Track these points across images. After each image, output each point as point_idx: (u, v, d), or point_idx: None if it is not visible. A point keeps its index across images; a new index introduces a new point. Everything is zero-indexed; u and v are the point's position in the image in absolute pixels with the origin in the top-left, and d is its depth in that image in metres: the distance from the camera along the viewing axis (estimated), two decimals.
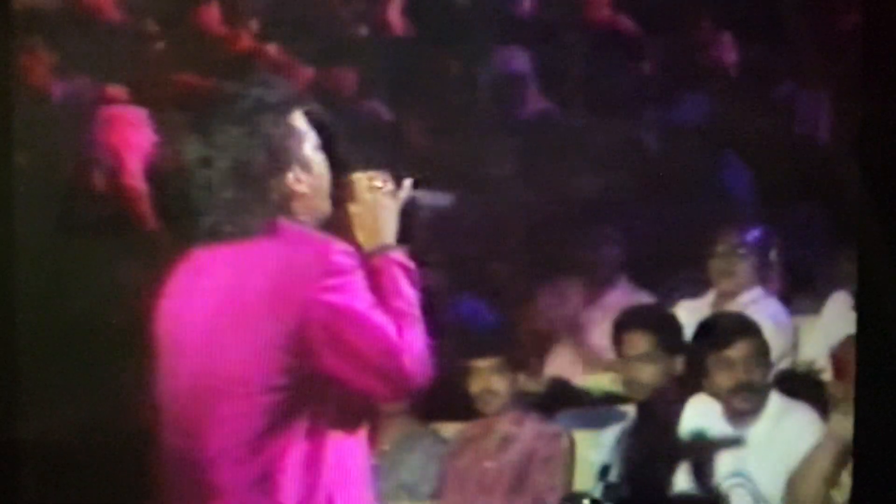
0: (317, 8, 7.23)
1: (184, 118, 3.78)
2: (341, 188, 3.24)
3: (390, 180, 3.28)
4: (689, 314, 5.60)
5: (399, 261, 3.19)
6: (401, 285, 3.15)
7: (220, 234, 3.14)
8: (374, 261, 3.17)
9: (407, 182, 3.30)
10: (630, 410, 5.31)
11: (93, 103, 6.06)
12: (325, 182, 3.22)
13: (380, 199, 3.25)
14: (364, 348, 3.05)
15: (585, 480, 5.12)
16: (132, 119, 5.88)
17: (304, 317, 3.03)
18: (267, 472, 3.07)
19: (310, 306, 3.03)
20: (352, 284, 3.06)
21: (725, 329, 5.04)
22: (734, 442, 4.93)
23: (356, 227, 3.23)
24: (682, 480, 4.98)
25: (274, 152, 3.15)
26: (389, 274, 3.16)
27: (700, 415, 5.02)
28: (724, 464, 4.94)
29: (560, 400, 5.70)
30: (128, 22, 6.80)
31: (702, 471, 4.95)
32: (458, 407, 5.36)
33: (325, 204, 3.22)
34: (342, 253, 3.08)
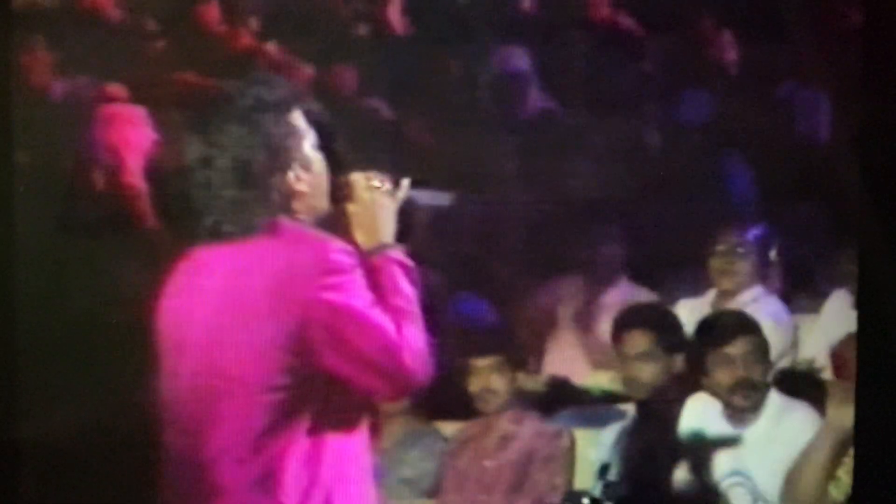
0: (317, 7, 7.22)
1: (184, 117, 3.78)
2: (340, 188, 3.24)
3: (388, 180, 3.29)
4: (690, 313, 5.60)
5: (398, 259, 3.20)
6: (400, 283, 3.16)
7: (221, 234, 3.14)
8: (373, 259, 3.18)
9: (405, 182, 3.30)
10: (630, 409, 5.31)
11: (93, 102, 6.06)
12: (324, 181, 3.22)
13: (378, 199, 3.25)
14: (364, 347, 3.05)
15: (585, 479, 5.12)
16: (132, 118, 5.88)
17: (304, 316, 3.03)
18: (268, 472, 3.07)
19: (309, 305, 3.03)
20: (351, 283, 3.07)
21: (725, 326, 5.04)
22: (731, 441, 4.93)
23: (355, 227, 3.24)
24: (682, 479, 4.98)
25: (274, 151, 3.15)
26: (388, 272, 3.16)
27: (699, 413, 5.02)
28: (724, 462, 4.93)
29: (560, 399, 5.69)
30: (128, 21, 6.80)
31: (700, 469, 4.94)
32: (458, 406, 5.35)
33: (324, 203, 3.23)
34: (341, 252, 3.09)
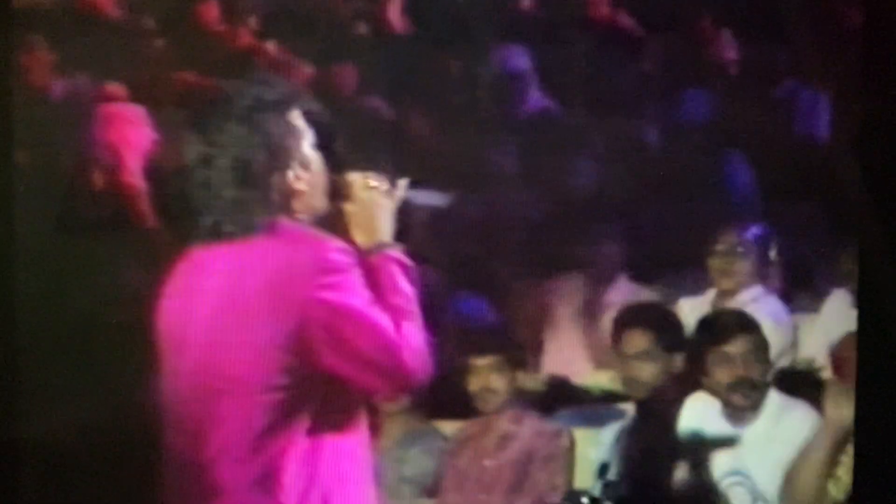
0: (316, 6, 7.23)
1: (184, 117, 3.77)
2: (338, 187, 3.24)
3: (386, 180, 3.29)
4: (690, 312, 5.60)
5: (396, 258, 3.20)
6: (399, 282, 3.16)
7: (221, 234, 3.14)
8: (372, 259, 3.18)
9: (402, 182, 3.30)
10: (629, 409, 5.30)
11: (92, 101, 6.06)
12: (323, 180, 3.22)
13: (375, 198, 3.25)
14: (362, 345, 3.05)
15: (584, 478, 5.12)
16: (131, 117, 5.88)
17: (303, 315, 3.03)
18: (268, 471, 3.07)
19: (307, 305, 3.03)
20: (349, 282, 3.07)
21: (725, 325, 5.03)
22: (730, 441, 4.92)
23: (353, 226, 3.24)
24: (681, 478, 4.98)
25: (274, 150, 3.15)
26: (387, 271, 3.17)
27: (699, 413, 5.02)
28: (723, 462, 4.93)
29: (559, 398, 5.69)
30: (127, 20, 6.80)
31: (700, 469, 4.94)
32: (458, 405, 5.35)
33: (323, 202, 3.23)
34: (338, 251, 3.09)
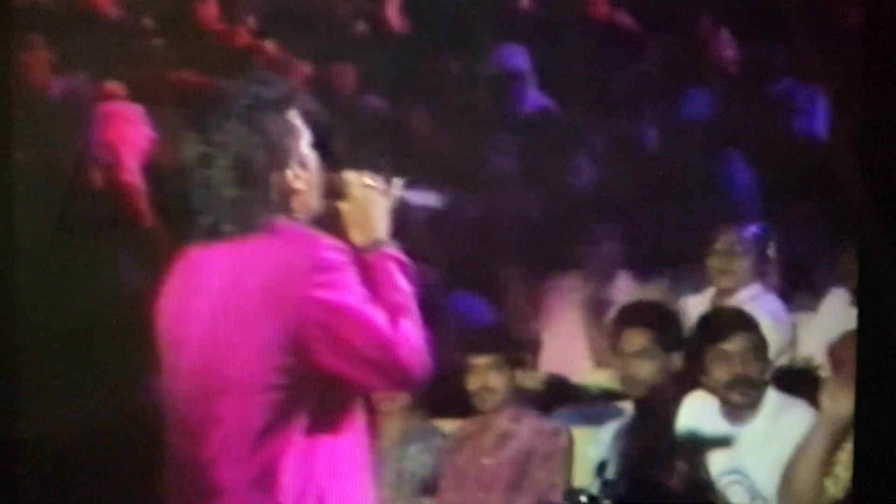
0: (315, 5, 7.22)
1: (183, 116, 3.78)
2: (334, 186, 3.24)
3: (382, 179, 3.29)
4: (694, 310, 5.61)
5: (393, 255, 3.21)
6: (396, 279, 3.16)
7: (220, 233, 3.14)
8: (368, 256, 3.19)
9: (397, 181, 3.30)
10: (628, 407, 5.31)
11: (91, 100, 6.06)
12: (319, 179, 3.22)
13: (372, 196, 3.26)
14: (358, 343, 3.06)
15: (583, 477, 5.12)
16: (129, 115, 5.88)
17: (299, 315, 3.04)
18: (266, 471, 3.08)
19: (302, 304, 3.04)
20: (343, 280, 3.07)
21: (723, 323, 5.04)
22: (728, 440, 4.92)
23: (349, 225, 3.24)
24: (679, 477, 4.98)
25: (274, 149, 3.16)
26: (384, 268, 3.17)
27: (697, 411, 5.02)
28: (721, 460, 4.93)
29: (558, 397, 5.69)
30: (126, 18, 6.79)
31: (698, 467, 4.94)
32: (457, 404, 5.35)
33: (319, 201, 3.23)
34: (331, 249, 3.09)
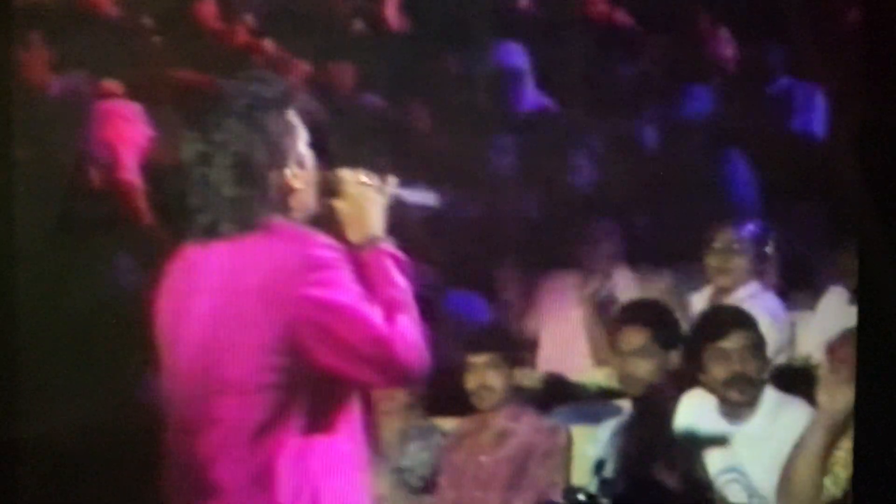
0: (314, 3, 7.22)
1: (182, 114, 3.78)
2: (328, 184, 3.25)
3: (377, 176, 3.30)
4: (697, 307, 5.63)
5: (389, 252, 3.21)
6: (392, 275, 3.17)
7: (218, 232, 3.14)
8: (364, 253, 3.19)
9: (392, 179, 3.31)
10: (626, 406, 5.31)
11: (90, 99, 6.06)
12: (315, 177, 3.23)
13: (366, 193, 3.27)
14: (353, 340, 3.06)
15: (581, 475, 5.13)
16: (126, 113, 5.89)
17: (293, 314, 3.04)
18: (264, 469, 3.08)
19: (297, 303, 3.04)
20: (336, 278, 3.08)
21: (721, 321, 5.04)
22: (726, 439, 4.93)
23: (345, 223, 3.25)
24: (677, 475, 4.98)
25: (273, 148, 3.16)
26: (380, 265, 3.18)
27: (695, 410, 5.02)
28: (719, 459, 4.93)
29: (556, 395, 5.70)
30: (124, 17, 6.80)
31: (696, 466, 4.94)
32: (455, 403, 5.36)
33: (314, 199, 3.23)
34: (323, 247, 3.09)
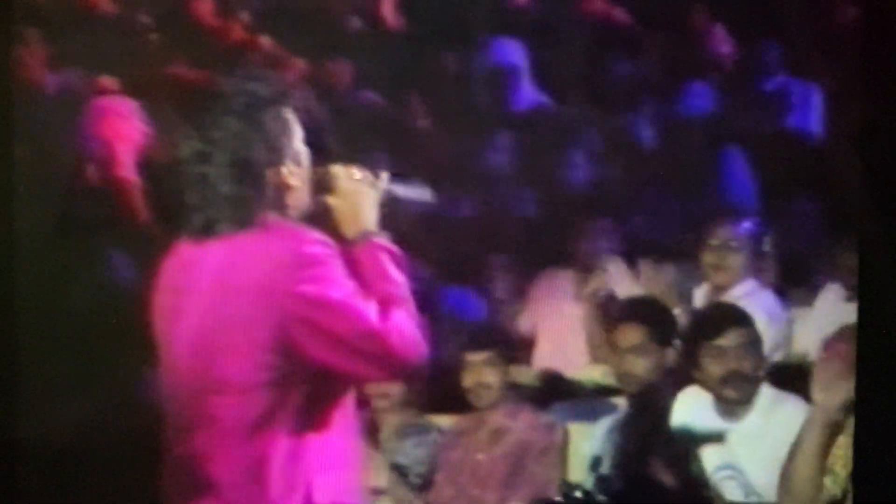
0: (310, 1, 7.22)
1: (180, 112, 3.78)
2: (321, 180, 3.25)
3: (370, 172, 3.30)
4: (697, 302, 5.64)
5: (384, 246, 3.21)
6: (387, 269, 3.17)
7: (215, 230, 3.14)
8: (358, 248, 3.19)
9: (384, 174, 3.31)
10: (622, 403, 5.31)
11: (87, 96, 6.06)
12: (309, 174, 3.23)
13: (359, 189, 3.26)
14: (346, 335, 3.06)
15: (577, 472, 5.13)
16: (123, 110, 5.88)
17: (287, 311, 3.04)
18: (259, 466, 3.08)
19: (290, 299, 3.04)
20: (328, 273, 3.07)
21: (718, 319, 5.04)
22: (722, 436, 4.93)
23: (338, 218, 3.25)
24: (673, 472, 4.99)
25: (271, 146, 3.16)
26: (374, 259, 3.18)
27: (691, 407, 5.02)
28: (715, 456, 4.94)
29: (552, 392, 5.70)
30: (121, 14, 6.80)
31: (692, 463, 4.95)
32: (452, 400, 5.36)
33: (308, 196, 3.23)
34: (314, 243, 3.09)
